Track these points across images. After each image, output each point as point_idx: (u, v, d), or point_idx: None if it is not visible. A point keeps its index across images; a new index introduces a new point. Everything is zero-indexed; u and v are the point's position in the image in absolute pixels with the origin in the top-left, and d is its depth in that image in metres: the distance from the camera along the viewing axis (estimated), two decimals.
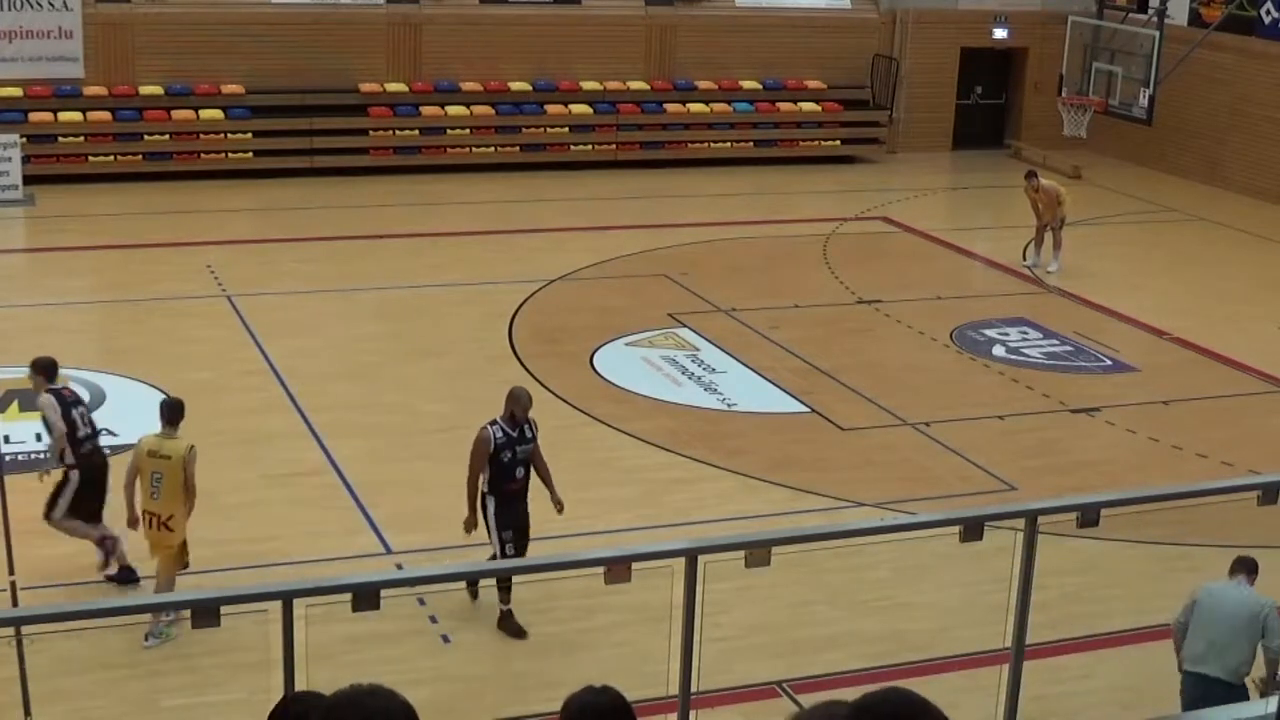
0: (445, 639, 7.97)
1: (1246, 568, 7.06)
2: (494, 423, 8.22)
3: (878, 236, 17.63)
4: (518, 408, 8.21)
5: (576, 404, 11.58)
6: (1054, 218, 15.96)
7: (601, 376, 12.31)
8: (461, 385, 12.00)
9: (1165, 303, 15.13)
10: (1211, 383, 12.84)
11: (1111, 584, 9.04)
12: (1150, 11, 20.25)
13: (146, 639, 7.71)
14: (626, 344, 13.16)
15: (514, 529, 8.05)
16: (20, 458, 10.22)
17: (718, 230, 17.19)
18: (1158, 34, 19.32)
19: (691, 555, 5.18)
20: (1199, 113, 20.68)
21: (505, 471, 8.13)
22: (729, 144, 20.72)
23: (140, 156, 18.44)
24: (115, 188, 17.94)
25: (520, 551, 8.03)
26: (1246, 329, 14.29)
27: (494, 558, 8.00)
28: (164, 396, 8.90)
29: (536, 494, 8.31)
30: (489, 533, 8.10)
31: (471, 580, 8.23)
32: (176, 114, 18.64)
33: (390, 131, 19.32)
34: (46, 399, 8.76)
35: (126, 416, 10.94)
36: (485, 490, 8.15)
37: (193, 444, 8.16)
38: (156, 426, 8.28)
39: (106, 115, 18.38)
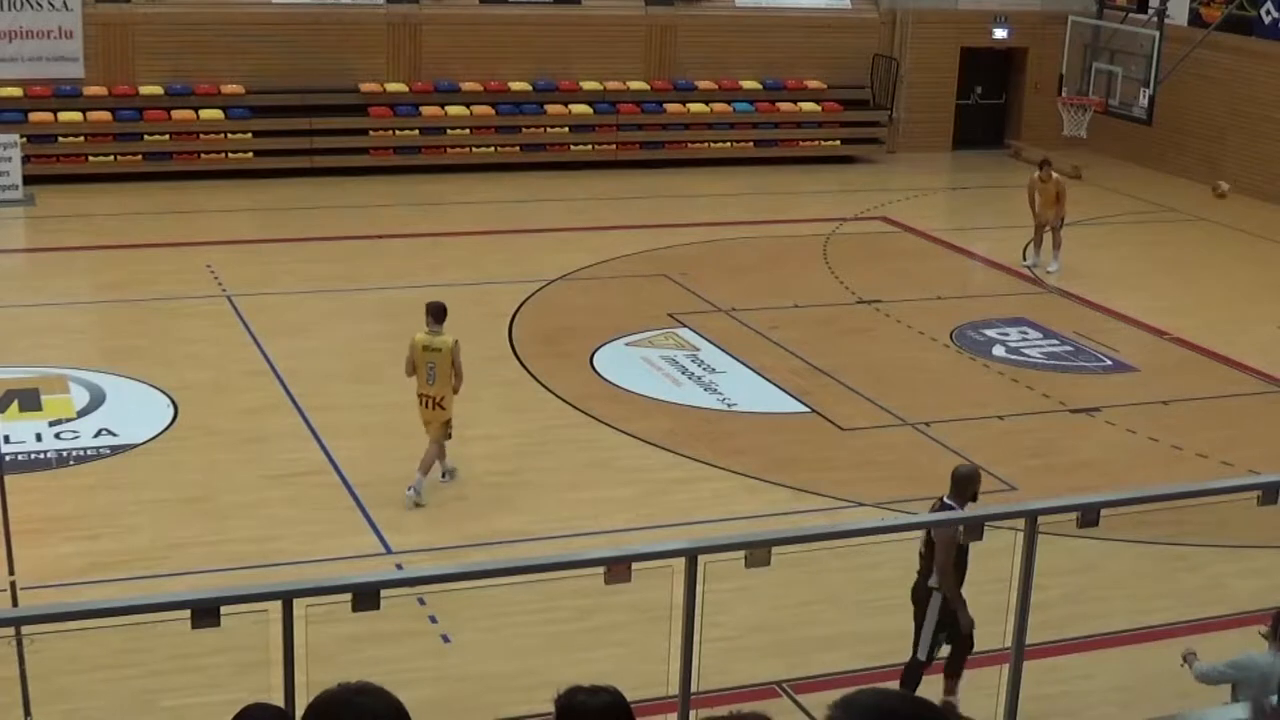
0: (445, 639, 7.97)
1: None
2: (947, 506, 7.20)
3: (878, 236, 17.63)
4: (977, 487, 7.27)
5: (576, 404, 11.58)
6: (1055, 216, 15.94)
7: (601, 376, 12.31)
8: (462, 385, 11.99)
9: (1165, 303, 15.13)
10: (1211, 383, 12.84)
11: (1111, 584, 9.04)
12: (1150, 11, 20.25)
13: (443, 476, 9.87)
14: (626, 344, 13.16)
15: (950, 626, 7.28)
16: (20, 458, 10.22)
17: (718, 230, 17.19)
18: (1158, 34, 19.32)
19: (691, 555, 5.18)
20: (1199, 113, 20.68)
21: (961, 565, 7.16)
22: (729, 144, 20.72)
23: (140, 156, 18.44)
24: (115, 188, 17.93)
25: (953, 641, 7.25)
26: (1246, 329, 14.29)
27: (916, 660, 7.26)
28: (431, 300, 10.16)
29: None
30: (922, 631, 7.29)
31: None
32: (176, 114, 18.64)
33: (390, 131, 19.32)
34: None
35: (127, 416, 10.95)
36: (935, 585, 7.21)
37: (457, 339, 9.86)
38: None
39: (106, 115, 18.38)
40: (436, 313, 9.85)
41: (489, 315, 13.71)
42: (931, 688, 7.75)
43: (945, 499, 7.35)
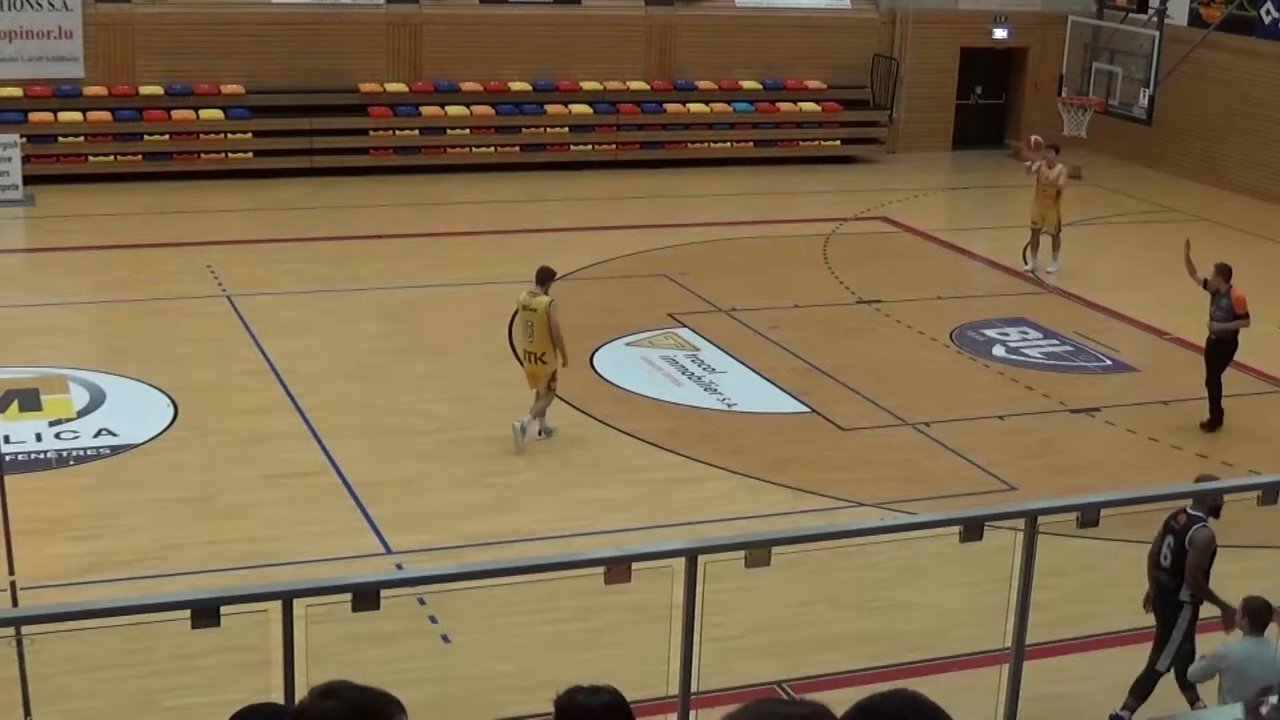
0: (445, 639, 7.97)
1: (1256, 621, 6.58)
2: (1195, 518, 7.15)
3: (878, 236, 17.62)
4: (1221, 500, 7.10)
5: (576, 404, 11.58)
6: (1054, 219, 15.89)
7: (601, 376, 12.31)
8: (461, 385, 12.00)
9: (1165, 303, 15.12)
10: None
11: (1111, 584, 9.04)
12: (1150, 11, 20.25)
13: (540, 433, 10.58)
14: (627, 344, 13.16)
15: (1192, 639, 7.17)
16: (20, 458, 10.22)
17: (718, 230, 17.19)
18: (1158, 34, 19.32)
19: (691, 555, 5.18)
20: (1199, 113, 20.68)
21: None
22: (729, 144, 20.72)
23: (140, 156, 18.44)
24: (115, 188, 17.93)
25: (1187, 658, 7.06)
26: (1246, 329, 14.28)
27: (1156, 672, 7.21)
28: (541, 265, 10.82)
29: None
30: (1168, 643, 7.27)
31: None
32: (176, 114, 18.64)
33: (390, 131, 19.32)
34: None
35: (127, 416, 10.95)
36: (1187, 599, 7.26)
37: (553, 299, 10.46)
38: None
39: (106, 115, 18.38)
40: (540, 275, 10.61)
41: (489, 315, 13.71)
42: (932, 687, 7.75)
43: (1189, 510, 7.31)
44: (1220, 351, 11.63)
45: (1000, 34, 22.32)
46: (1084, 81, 20.34)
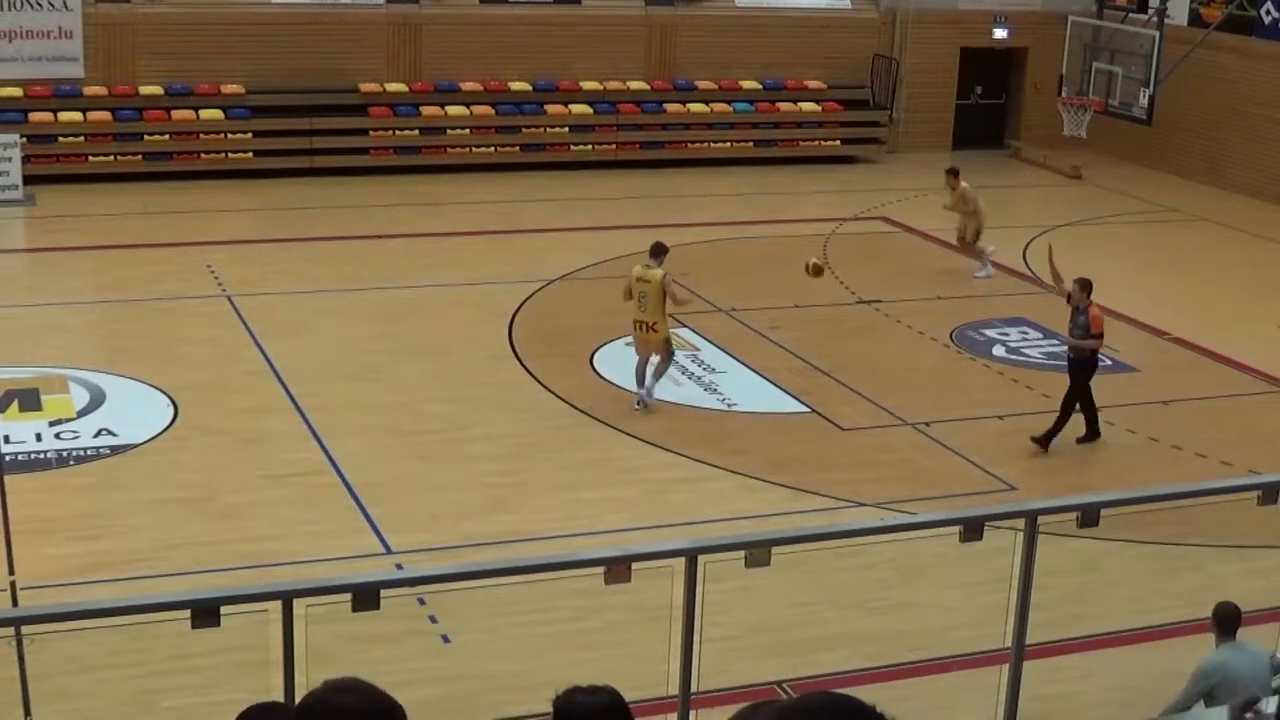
0: (445, 639, 7.97)
1: (1229, 627, 6.50)
2: None
3: (878, 236, 17.63)
4: None
5: (576, 404, 11.58)
6: (974, 227, 15.53)
7: (601, 376, 12.31)
8: (461, 385, 12.00)
9: (1165, 303, 15.13)
10: (1211, 383, 12.84)
11: (1111, 584, 9.04)
12: (1150, 11, 20.25)
13: (637, 404, 11.24)
14: (626, 344, 13.14)
15: None
16: (20, 458, 10.22)
17: (718, 230, 17.19)
18: (1158, 34, 19.31)
19: (691, 555, 5.18)
20: (1199, 113, 20.68)
21: None
22: (729, 144, 20.72)
23: (140, 156, 18.44)
24: (115, 188, 17.93)
25: None
26: (1246, 329, 14.29)
27: None
28: (655, 240, 11.68)
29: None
30: None
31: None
32: (176, 114, 18.65)
33: (390, 131, 19.32)
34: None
35: (127, 416, 10.95)
36: None
37: (667, 272, 11.26)
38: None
39: (106, 115, 18.38)
40: (654, 250, 11.45)
41: (489, 315, 13.72)
42: (931, 687, 7.75)
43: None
44: (1077, 371, 10.92)
45: (1000, 34, 22.33)
46: (1084, 81, 20.34)
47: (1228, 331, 14.11)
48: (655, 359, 11.38)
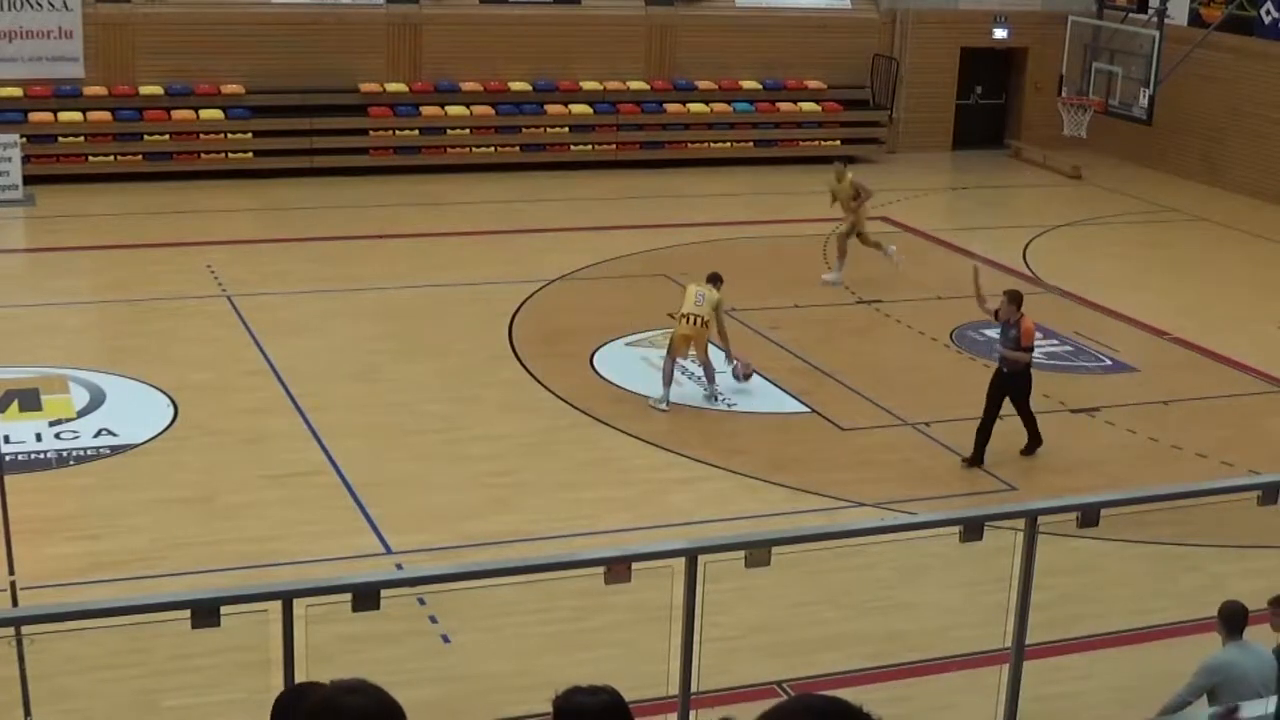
0: (445, 639, 7.97)
1: (1236, 626, 6.51)
2: None
3: (878, 236, 17.61)
4: None
5: (576, 404, 11.58)
6: (857, 223, 15.02)
7: (601, 376, 12.31)
8: (462, 385, 12.00)
9: (1165, 303, 15.13)
10: (1211, 383, 12.84)
11: (1111, 584, 9.04)
12: (1150, 11, 20.25)
13: (663, 405, 11.39)
14: (626, 344, 13.16)
15: None
16: (21, 458, 10.22)
17: (718, 230, 17.19)
18: (1158, 34, 19.31)
19: (691, 555, 5.18)
20: (1199, 113, 20.68)
21: None
22: (729, 144, 20.72)
23: (140, 156, 18.44)
24: (115, 188, 17.94)
25: None
26: (1246, 329, 14.29)
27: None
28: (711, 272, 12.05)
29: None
30: None
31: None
32: (176, 114, 18.65)
33: (390, 131, 19.32)
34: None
35: (127, 416, 10.95)
36: None
37: (721, 299, 11.76)
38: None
39: (107, 115, 18.38)
40: (711, 279, 11.95)
41: (489, 315, 13.72)
42: (932, 687, 7.75)
43: None
44: (1014, 385, 10.56)
45: (1000, 34, 22.33)
46: (1084, 81, 20.34)
47: (1228, 331, 14.11)
48: (691, 354, 11.73)
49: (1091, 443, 11.32)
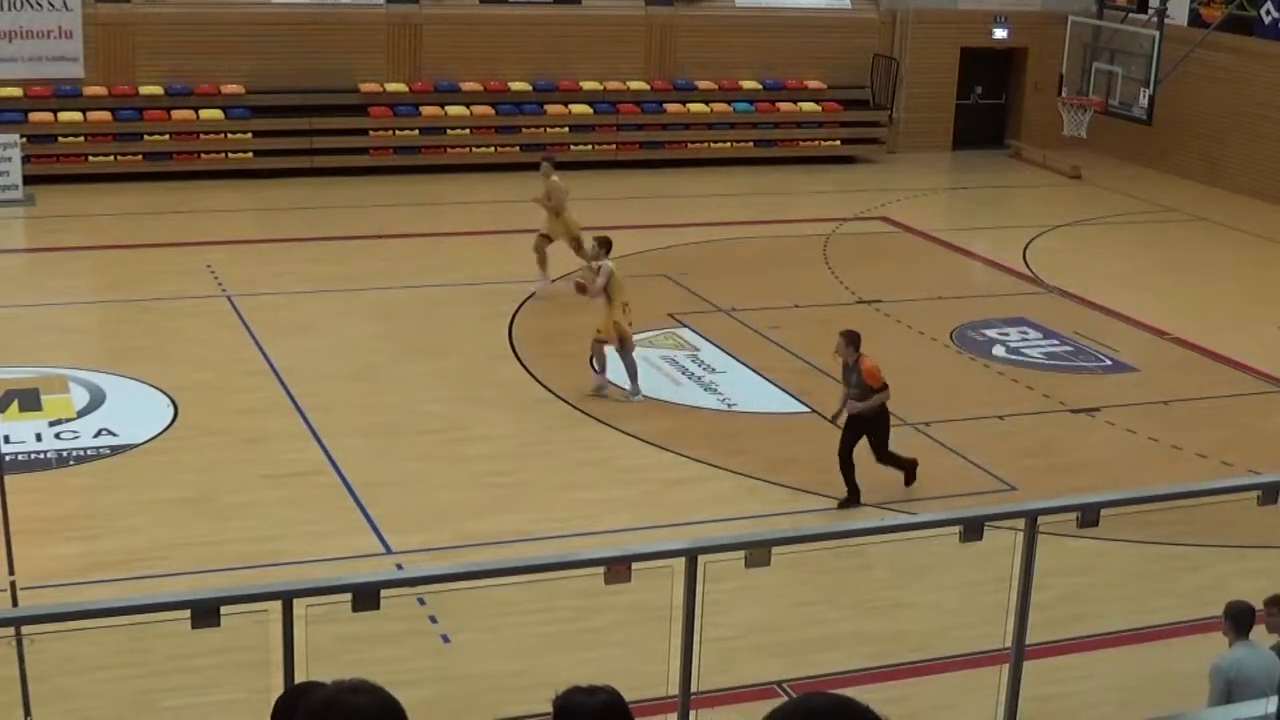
0: (445, 639, 7.97)
1: (1243, 625, 6.47)
2: None
3: (878, 236, 17.62)
4: None
5: (576, 404, 11.58)
6: (570, 232, 14.32)
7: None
8: (461, 385, 12.00)
9: (1165, 303, 15.13)
10: (1211, 383, 12.84)
11: (1111, 584, 9.04)
12: (1150, 11, 20.25)
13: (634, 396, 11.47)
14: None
15: None
16: (20, 458, 10.22)
17: (718, 230, 17.19)
18: (1158, 34, 19.32)
19: (691, 555, 5.18)
20: (1199, 113, 20.68)
21: None
22: (729, 144, 20.72)
23: (140, 156, 18.44)
24: (115, 188, 17.94)
25: None
26: (1246, 329, 14.29)
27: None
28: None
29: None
30: None
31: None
32: (176, 114, 18.64)
33: (390, 131, 19.32)
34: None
35: (127, 416, 10.95)
36: None
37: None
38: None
39: (107, 115, 18.38)
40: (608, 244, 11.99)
41: (489, 315, 13.71)
42: (932, 687, 7.75)
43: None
44: (870, 427, 9.68)
45: (1000, 34, 22.32)
46: (1084, 81, 20.34)
47: (1228, 331, 14.11)
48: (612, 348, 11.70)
49: (1091, 443, 11.33)
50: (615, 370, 11.99)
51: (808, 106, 21.10)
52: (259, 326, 13.12)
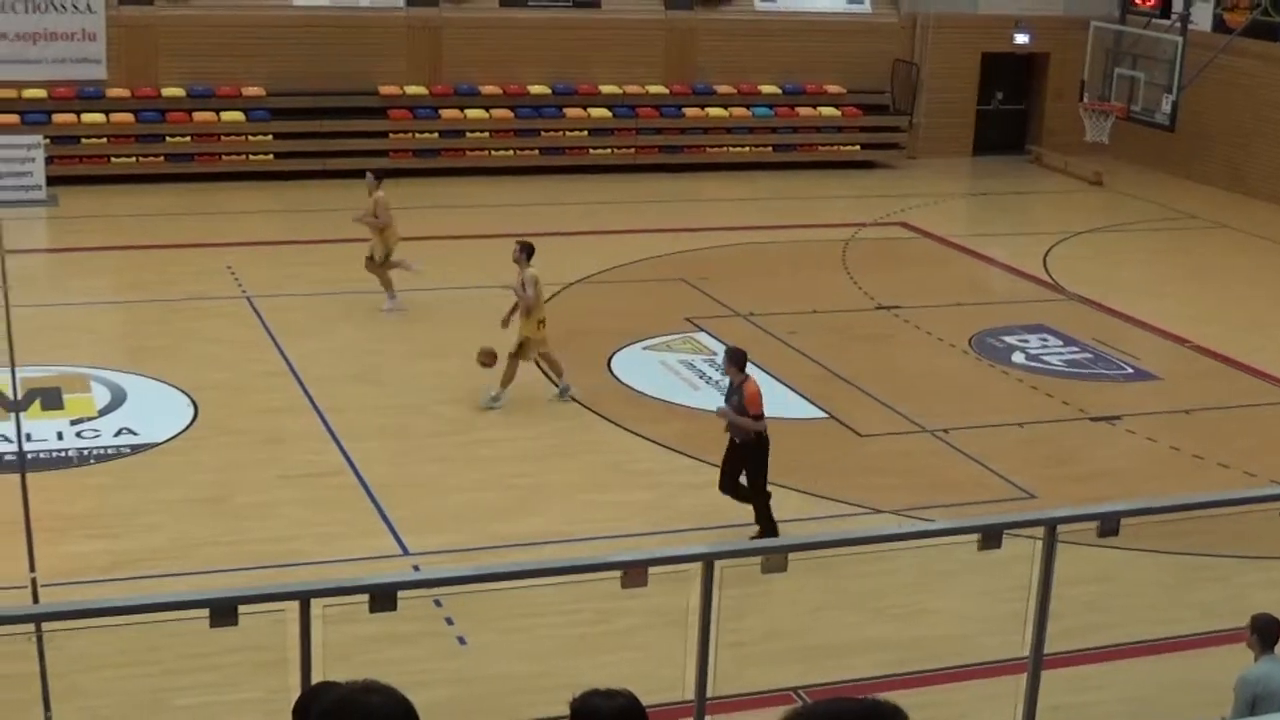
0: (461, 640, 7.98)
1: (1270, 638, 6.35)
2: None
3: (897, 242, 17.57)
4: None
5: (594, 407, 11.58)
6: (383, 248, 13.83)
7: (619, 380, 12.31)
8: (480, 388, 12.02)
9: (1187, 310, 15.03)
10: (1234, 392, 12.75)
11: (1130, 594, 8.98)
12: (1173, 17, 20.14)
13: (562, 395, 11.50)
14: (644, 348, 13.16)
15: None
16: (42, 456, 10.28)
17: (736, 235, 17.17)
18: (1181, 39, 19.21)
19: (709, 560, 5.17)
20: (1222, 119, 20.56)
21: None
22: (748, 148, 20.70)
23: (162, 158, 18.55)
24: (137, 189, 18.04)
25: None
26: (1269, 337, 14.19)
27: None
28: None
29: None
30: None
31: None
32: (198, 116, 18.75)
33: (410, 134, 19.38)
34: None
35: (147, 416, 11.01)
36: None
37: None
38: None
39: (129, 117, 18.50)
40: (530, 249, 11.96)
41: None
42: (950, 695, 7.71)
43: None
44: (747, 456, 9.07)
45: (1021, 39, 22.24)
46: (1106, 87, 20.24)
47: (1251, 339, 14.02)
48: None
49: (1112, 451, 11.26)
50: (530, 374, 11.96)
51: (827, 111, 21.06)
52: (278, 327, 13.17)
